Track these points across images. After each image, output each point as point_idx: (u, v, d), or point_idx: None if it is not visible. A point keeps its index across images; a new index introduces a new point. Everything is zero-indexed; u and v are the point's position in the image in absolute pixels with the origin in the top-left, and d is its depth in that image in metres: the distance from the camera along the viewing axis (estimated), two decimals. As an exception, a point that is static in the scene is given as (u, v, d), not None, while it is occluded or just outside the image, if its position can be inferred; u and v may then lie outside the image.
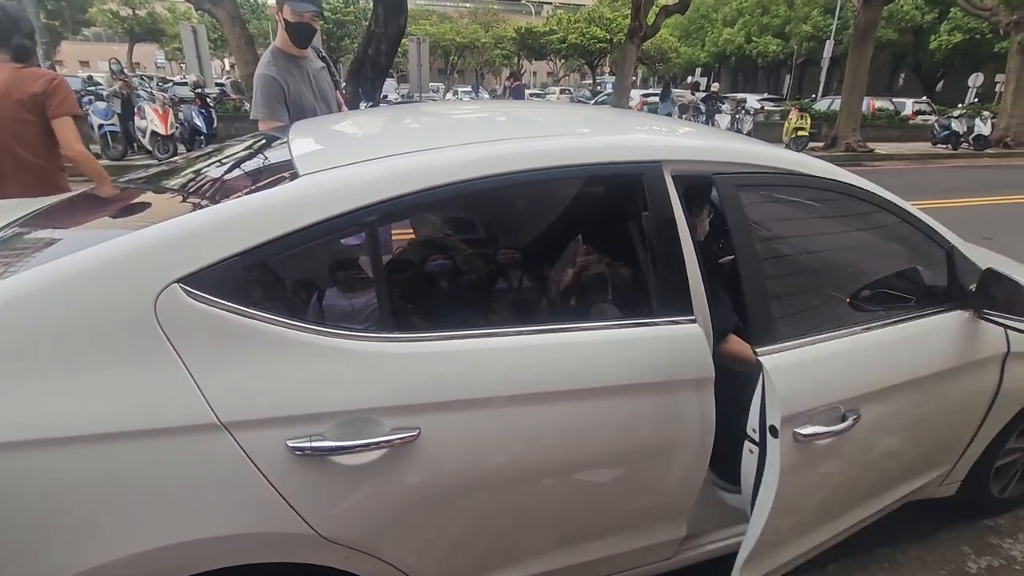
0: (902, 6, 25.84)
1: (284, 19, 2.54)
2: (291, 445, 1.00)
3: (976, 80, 20.00)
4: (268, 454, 1.00)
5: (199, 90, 10.45)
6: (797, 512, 1.40)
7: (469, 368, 1.14)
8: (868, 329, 1.46)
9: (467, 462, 1.15)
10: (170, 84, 15.91)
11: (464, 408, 1.12)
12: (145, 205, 1.38)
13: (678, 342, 1.31)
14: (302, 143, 1.39)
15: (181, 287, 0.98)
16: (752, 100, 19.41)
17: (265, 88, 2.53)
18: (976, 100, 20.45)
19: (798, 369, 1.28)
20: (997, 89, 20.00)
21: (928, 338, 1.55)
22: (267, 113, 2.51)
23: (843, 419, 1.33)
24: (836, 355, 1.37)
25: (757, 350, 1.25)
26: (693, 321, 1.33)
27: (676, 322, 1.32)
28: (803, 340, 1.33)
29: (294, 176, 1.12)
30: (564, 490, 1.27)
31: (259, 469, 0.99)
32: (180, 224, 1.03)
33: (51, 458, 0.90)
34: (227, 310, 1.00)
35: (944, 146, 14.29)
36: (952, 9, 23.55)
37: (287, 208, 1.05)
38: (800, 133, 12.50)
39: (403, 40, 8.81)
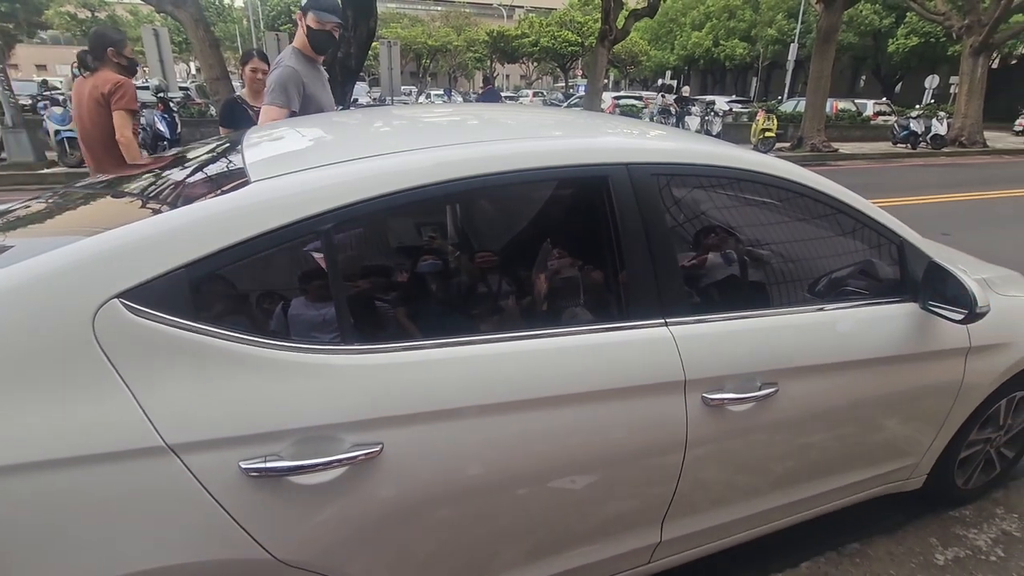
0: (861, 11, 26.72)
1: (308, 25, 2.65)
2: (244, 466, 0.95)
3: (932, 82, 20.78)
4: (219, 477, 0.95)
5: (162, 94, 10.14)
6: (715, 473, 1.45)
7: (433, 379, 1.10)
8: (800, 311, 1.52)
9: (434, 476, 1.11)
10: (132, 88, 15.41)
11: (429, 420, 1.08)
12: (87, 214, 1.30)
13: (649, 346, 1.30)
14: (257, 149, 1.33)
15: (122, 302, 0.92)
16: (720, 102, 19.80)
17: (287, 78, 2.56)
18: (932, 101, 21.22)
19: (708, 339, 1.36)
20: (952, 90, 20.81)
21: (872, 325, 1.59)
22: (283, 100, 2.55)
23: (758, 389, 1.38)
24: (756, 330, 1.43)
25: (668, 321, 1.31)
26: (664, 324, 1.32)
27: (647, 325, 1.31)
28: (718, 315, 1.40)
29: (245, 183, 1.07)
30: (539, 500, 1.24)
31: (210, 493, 0.94)
32: (120, 236, 0.96)
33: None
34: (172, 325, 0.94)
35: (904, 145, 14.80)
36: (908, 14, 24.44)
37: (235, 217, 1.00)
38: (767, 134, 12.78)
39: (374, 43, 8.71)
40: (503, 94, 32.43)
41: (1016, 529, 1.96)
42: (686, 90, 17.31)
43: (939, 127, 14.68)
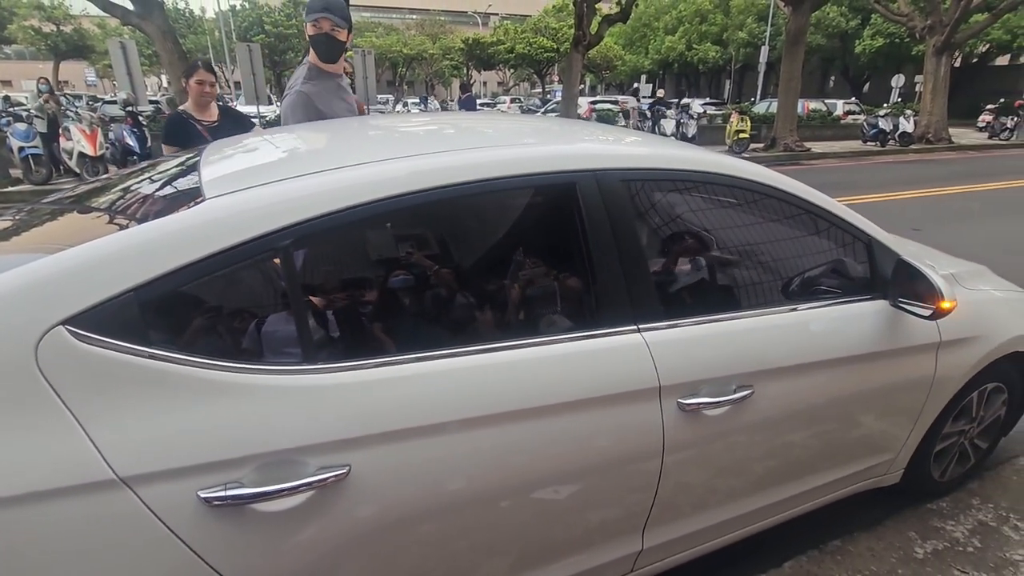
0: (828, 13, 27.37)
1: (308, 35, 2.51)
2: (203, 496, 0.91)
3: (898, 81, 21.35)
4: (176, 508, 0.90)
5: (130, 108, 9.93)
6: (694, 478, 1.44)
7: (400, 396, 1.07)
8: (773, 312, 1.52)
9: (405, 495, 1.08)
10: (99, 103, 15.09)
11: (396, 439, 1.05)
12: (41, 233, 1.25)
13: (622, 353, 1.29)
14: (215, 164, 1.29)
15: (67, 329, 0.88)
16: (695, 105, 20.07)
17: (294, 108, 2.43)
18: (899, 100, 21.78)
19: (682, 344, 1.35)
20: (917, 89, 21.40)
21: (844, 323, 1.60)
22: None
23: (733, 392, 1.38)
24: (729, 333, 1.43)
25: (640, 327, 1.30)
26: (636, 331, 1.31)
27: (620, 332, 1.29)
28: (691, 319, 1.40)
29: (199, 200, 1.03)
30: (516, 513, 1.22)
31: (167, 525, 0.90)
32: (64, 259, 0.92)
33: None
34: (122, 351, 0.90)
35: (874, 143, 15.15)
36: (873, 15, 25.11)
37: (187, 235, 0.96)
38: (741, 135, 12.98)
39: (348, 52, 8.66)
40: (481, 101, 32.53)
41: (992, 519, 1.99)
42: (660, 93, 17.51)
43: (906, 125, 15.06)
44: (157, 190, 1.30)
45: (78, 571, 0.87)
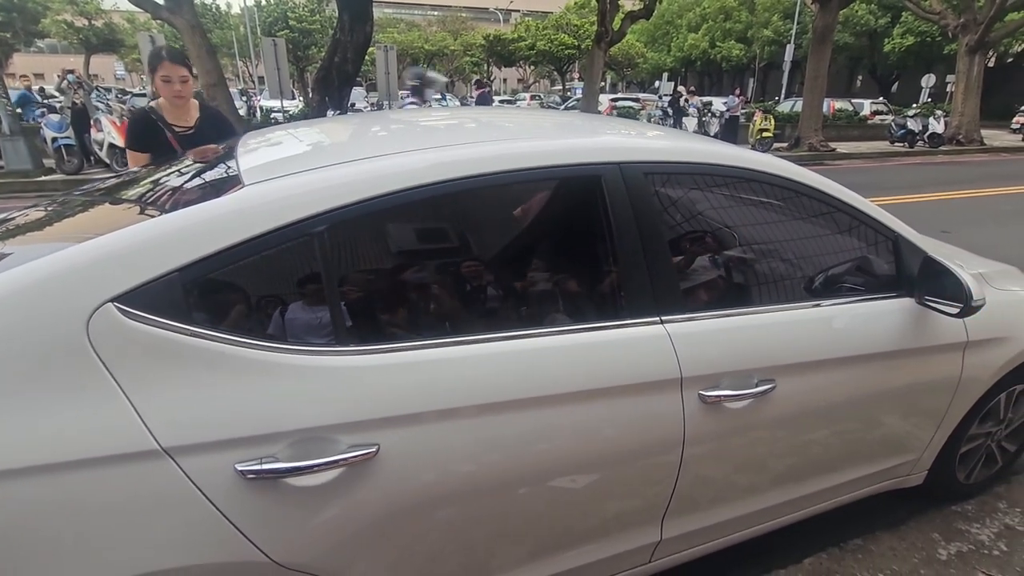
0: (857, 11, 26.80)
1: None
2: (240, 468, 0.95)
3: (928, 81, 20.84)
4: (215, 479, 0.94)
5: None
6: (714, 470, 1.45)
7: (429, 379, 1.10)
8: (797, 307, 1.53)
9: (431, 476, 1.11)
10: (129, 96, 15.44)
11: (425, 421, 1.08)
12: (85, 220, 1.30)
13: (645, 343, 1.30)
14: (251, 153, 1.33)
15: (116, 306, 0.92)
16: (718, 103, 19.80)
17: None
18: (929, 100, 21.28)
19: (704, 336, 1.35)
20: (948, 89, 20.84)
21: (868, 321, 1.59)
22: None
23: (755, 386, 1.38)
24: (752, 327, 1.43)
25: (663, 318, 1.31)
26: (659, 322, 1.31)
27: (643, 323, 1.30)
28: (714, 312, 1.41)
29: (238, 187, 1.07)
30: (537, 499, 1.24)
31: (205, 495, 0.94)
32: (113, 240, 0.96)
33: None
34: (167, 328, 0.94)
35: (901, 144, 14.82)
36: (904, 13, 24.52)
37: (227, 220, 1.00)
38: (765, 134, 12.81)
39: (370, 48, 8.76)
40: (499, 98, 32.47)
41: (1019, 523, 1.95)
42: (681, 89, 17.25)
43: (936, 126, 14.69)
44: (199, 177, 1.34)
45: (121, 535, 0.91)
